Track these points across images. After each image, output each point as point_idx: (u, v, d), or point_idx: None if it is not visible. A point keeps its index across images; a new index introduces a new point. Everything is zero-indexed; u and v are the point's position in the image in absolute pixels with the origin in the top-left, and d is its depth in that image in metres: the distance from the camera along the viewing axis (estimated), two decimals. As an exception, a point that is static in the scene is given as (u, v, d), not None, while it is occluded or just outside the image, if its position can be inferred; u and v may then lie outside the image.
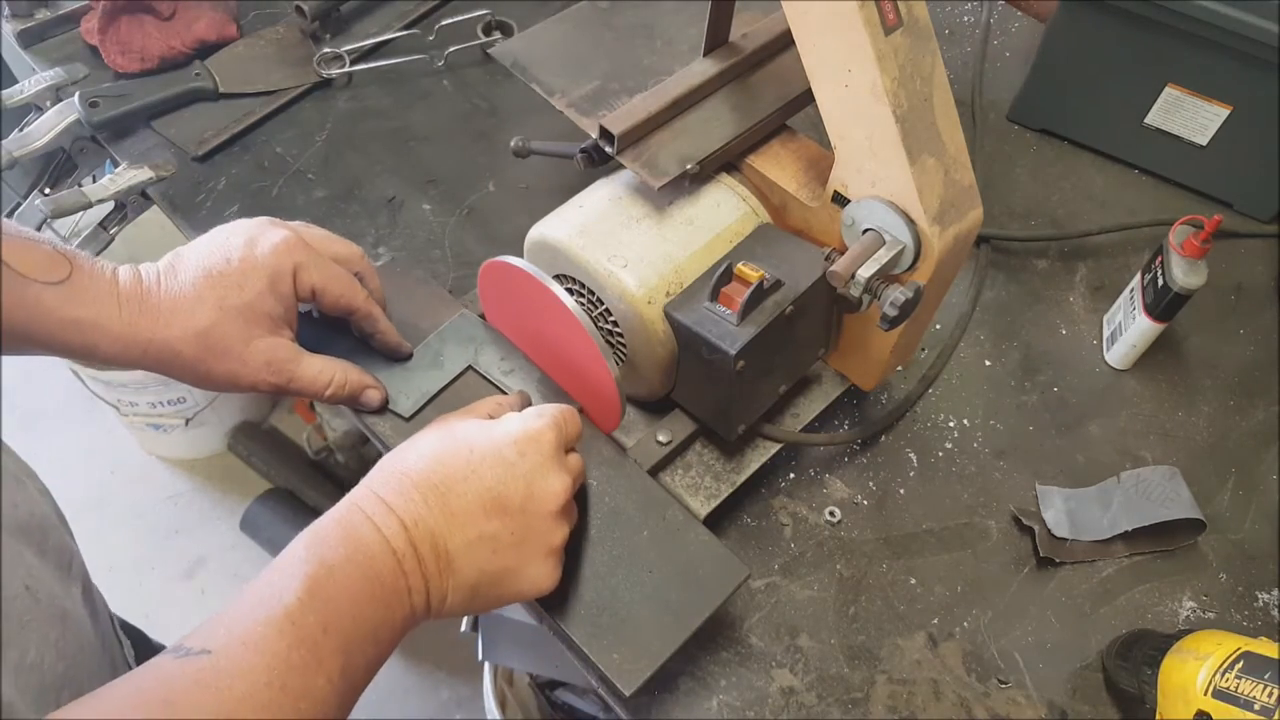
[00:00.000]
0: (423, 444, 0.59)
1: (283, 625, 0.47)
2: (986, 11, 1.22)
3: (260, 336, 0.64)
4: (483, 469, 0.58)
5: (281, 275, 0.64)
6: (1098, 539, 0.80)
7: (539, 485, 0.59)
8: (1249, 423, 0.91)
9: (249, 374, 0.65)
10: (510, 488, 0.58)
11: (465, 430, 0.60)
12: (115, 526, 1.86)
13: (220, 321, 0.62)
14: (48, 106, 1.01)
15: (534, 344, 0.74)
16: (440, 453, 0.58)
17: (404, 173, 1.01)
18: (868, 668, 0.73)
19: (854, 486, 0.83)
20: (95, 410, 1.86)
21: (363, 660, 0.50)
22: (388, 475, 0.57)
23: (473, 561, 0.57)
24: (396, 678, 1.68)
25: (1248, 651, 0.62)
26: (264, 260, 0.64)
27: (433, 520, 0.55)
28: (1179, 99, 1.00)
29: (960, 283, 0.96)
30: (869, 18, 0.60)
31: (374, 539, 0.53)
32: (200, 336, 0.62)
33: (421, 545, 0.54)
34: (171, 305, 0.62)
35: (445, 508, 0.56)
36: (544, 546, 0.59)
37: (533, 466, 0.59)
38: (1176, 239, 0.85)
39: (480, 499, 0.57)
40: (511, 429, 0.60)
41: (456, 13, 1.11)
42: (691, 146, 0.73)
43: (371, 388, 0.70)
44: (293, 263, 0.65)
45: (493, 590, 0.58)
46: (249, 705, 0.44)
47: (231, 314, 0.63)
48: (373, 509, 0.55)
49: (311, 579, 0.49)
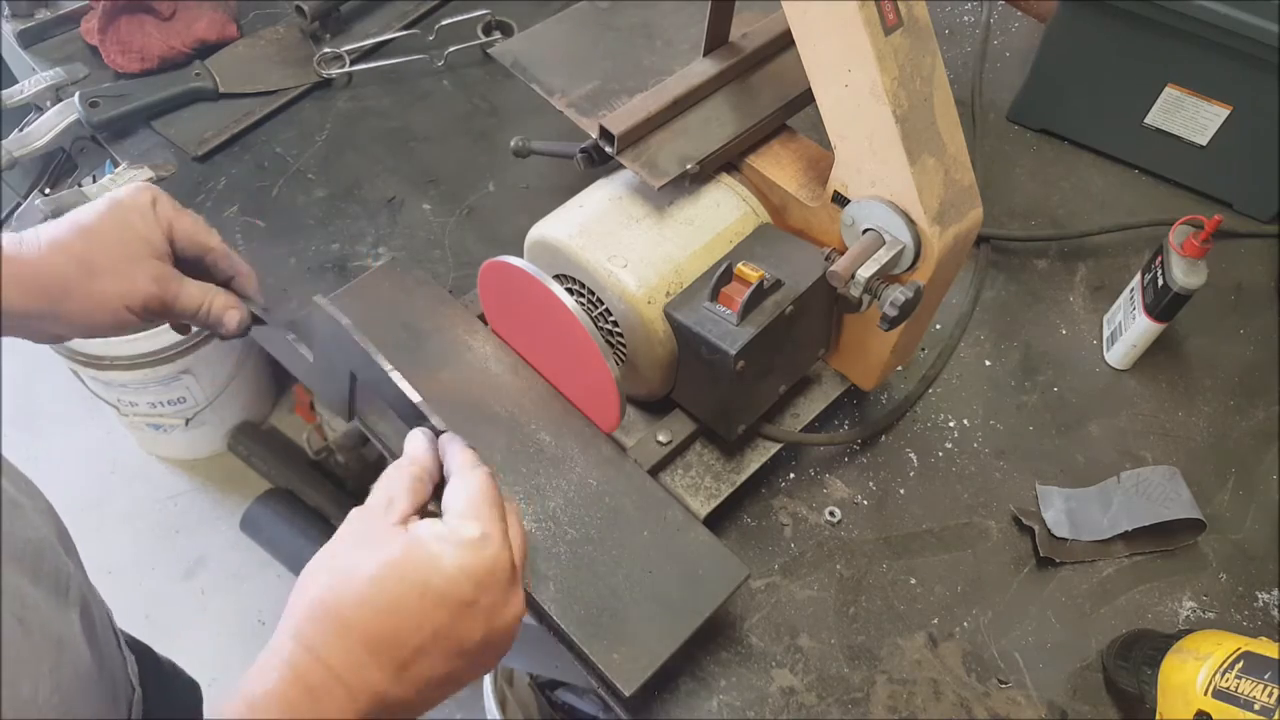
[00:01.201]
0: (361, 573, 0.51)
1: None
2: (986, 11, 1.22)
3: (143, 258, 0.68)
4: (438, 616, 0.51)
5: (142, 205, 0.69)
6: (1098, 539, 0.80)
7: (498, 619, 0.53)
8: (1249, 423, 0.91)
9: (138, 290, 0.68)
10: (470, 629, 0.52)
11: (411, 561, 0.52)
12: (115, 526, 1.85)
13: (98, 247, 0.67)
14: (48, 106, 1.01)
15: (534, 344, 0.74)
16: (387, 596, 0.50)
17: (404, 173, 1.01)
18: (868, 668, 0.73)
19: (854, 486, 0.83)
20: (95, 410, 1.85)
21: None
22: (325, 624, 0.50)
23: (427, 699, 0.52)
24: (396, 678, 1.68)
25: (1248, 651, 0.62)
26: (125, 197, 0.69)
27: (385, 685, 0.50)
28: (1179, 99, 1.00)
29: (960, 283, 0.96)
30: (869, 18, 0.60)
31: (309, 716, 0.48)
32: (81, 259, 0.66)
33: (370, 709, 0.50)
34: (51, 242, 0.66)
35: (398, 668, 0.50)
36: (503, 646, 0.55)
37: (493, 601, 0.53)
38: (1176, 239, 0.85)
39: (435, 647, 0.51)
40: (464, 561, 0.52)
41: (456, 13, 1.11)
42: (691, 146, 0.73)
43: (232, 309, 0.74)
44: (150, 195, 0.70)
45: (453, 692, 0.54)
46: None
47: (108, 239, 0.67)
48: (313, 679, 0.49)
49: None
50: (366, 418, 0.73)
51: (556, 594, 0.64)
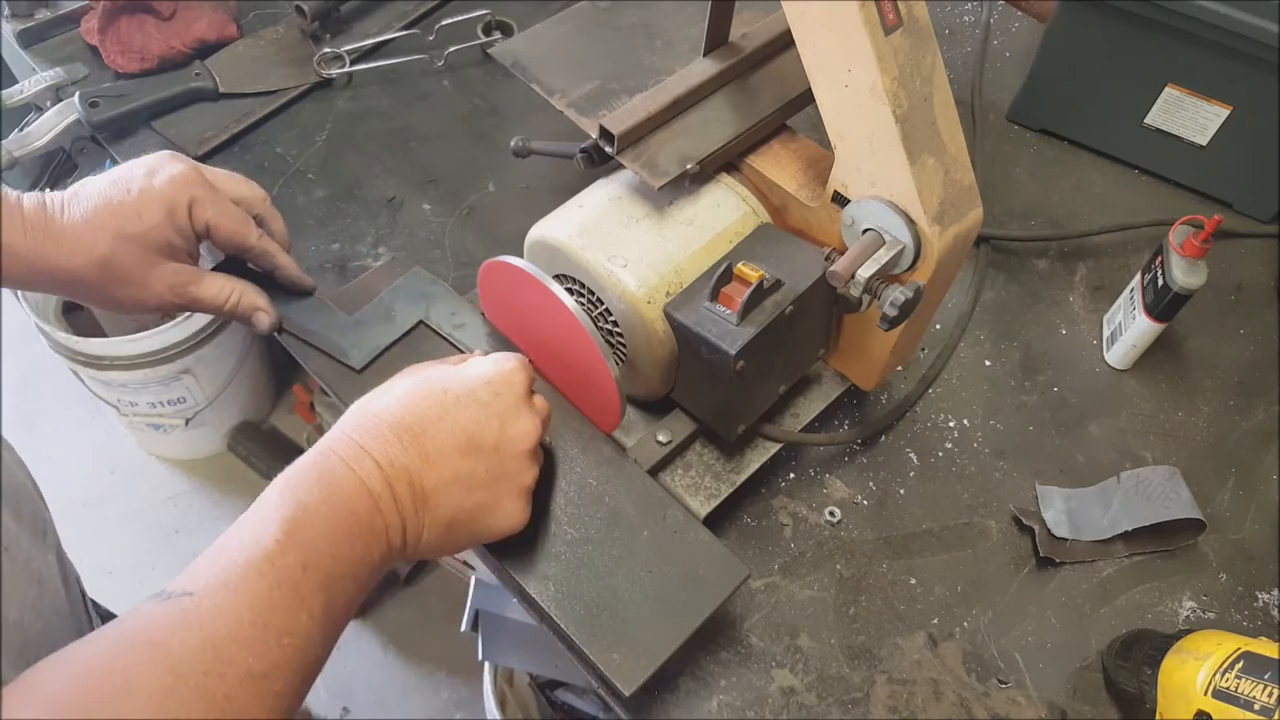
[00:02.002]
0: (397, 388, 0.60)
1: (262, 566, 0.48)
2: (986, 11, 1.22)
3: (161, 263, 0.67)
4: (457, 409, 0.59)
5: (178, 207, 0.67)
6: (1098, 539, 0.81)
7: (512, 425, 0.60)
8: (1249, 423, 0.91)
9: (153, 297, 0.68)
10: (484, 427, 0.59)
11: (438, 373, 0.61)
12: (115, 526, 1.86)
13: (119, 250, 0.65)
14: (48, 106, 1.01)
15: (534, 344, 0.74)
16: (414, 395, 0.59)
17: (404, 173, 1.01)
18: (868, 668, 0.73)
19: (854, 486, 0.83)
20: (95, 410, 1.86)
21: (343, 596, 0.51)
22: (361, 419, 0.58)
23: (448, 499, 0.58)
24: (396, 678, 1.68)
25: (1248, 651, 0.62)
26: (161, 191, 0.66)
27: (408, 460, 0.56)
28: (1179, 99, 1.00)
29: (960, 283, 0.96)
30: (869, 18, 0.60)
31: (349, 480, 0.54)
32: (101, 265, 0.65)
33: (397, 484, 0.55)
34: (73, 233, 0.64)
35: (420, 448, 0.57)
36: (516, 485, 0.61)
37: (506, 407, 0.60)
38: (1176, 239, 0.85)
39: (455, 439, 0.58)
40: (485, 370, 0.61)
41: (456, 13, 1.11)
42: (691, 146, 0.73)
43: (262, 310, 0.73)
44: (189, 196, 0.67)
45: (467, 528, 0.60)
46: (233, 642, 0.45)
47: (130, 242, 0.65)
48: (347, 451, 0.55)
49: (289, 520, 0.50)
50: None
51: (556, 594, 0.64)
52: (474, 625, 1.12)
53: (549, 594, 0.64)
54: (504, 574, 0.67)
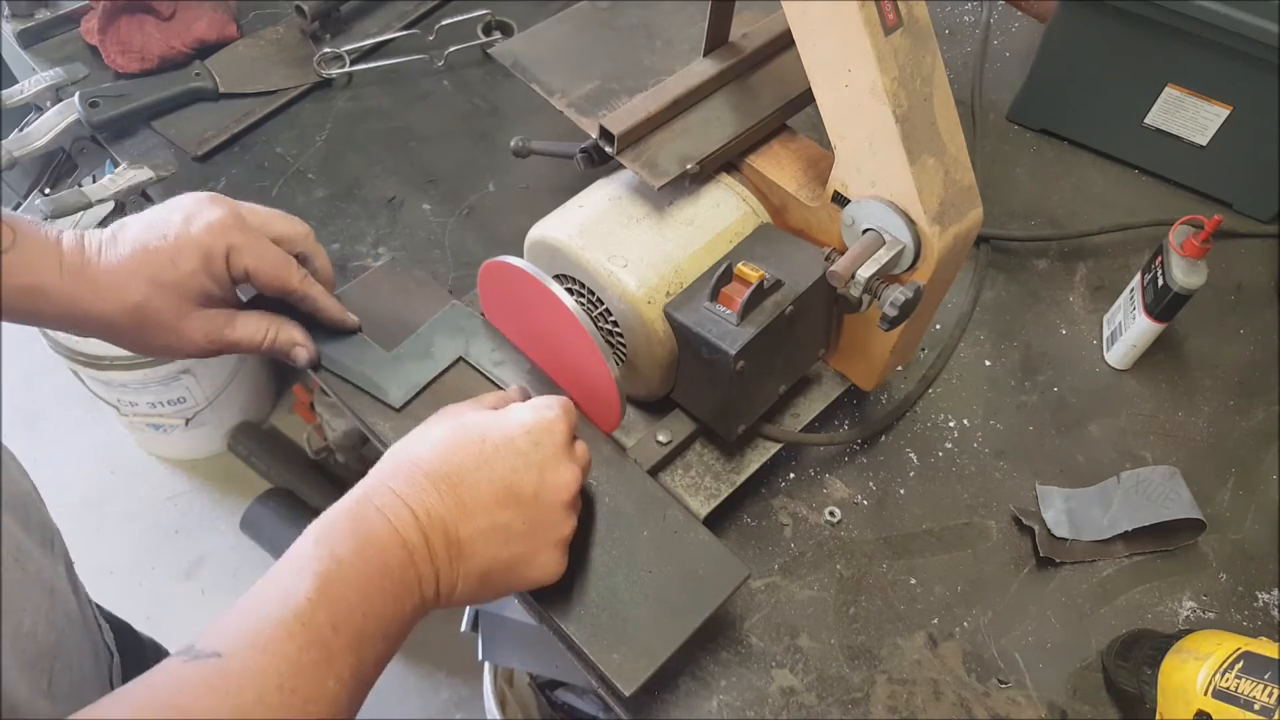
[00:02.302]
0: (433, 434, 0.59)
1: (293, 626, 0.47)
2: (986, 11, 1.22)
3: (194, 311, 0.66)
4: (495, 458, 0.58)
5: (215, 256, 0.65)
6: (1098, 539, 0.80)
7: (551, 476, 0.59)
8: (1249, 423, 0.91)
9: (186, 345, 0.66)
10: (523, 477, 0.58)
11: (476, 420, 0.60)
12: (115, 526, 1.86)
13: (153, 297, 0.64)
14: (48, 106, 1.01)
15: (534, 344, 0.74)
16: (452, 442, 0.58)
17: (404, 173, 1.01)
18: (868, 668, 0.73)
19: (854, 486, 0.83)
20: (95, 410, 1.86)
21: (373, 655, 0.50)
22: (398, 465, 0.57)
23: (484, 550, 0.57)
24: (396, 678, 1.68)
25: (1248, 651, 0.62)
26: (198, 239, 0.64)
27: (444, 510, 0.55)
28: (1179, 99, 1.00)
29: (960, 283, 0.96)
30: (869, 18, 0.60)
31: (385, 530, 0.53)
32: (134, 311, 0.63)
33: (433, 535, 0.54)
34: (108, 279, 0.63)
35: (457, 498, 0.56)
36: (554, 536, 0.60)
37: (545, 456, 0.59)
38: (1176, 239, 0.85)
39: (493, 488, 0.57)
40: (524, 418, 0.60)
41: (456, 13, 1.11)
42: (691, 146, 0.73)
43: (300, 345, 0.71)
44: (226, 244, 0.65)
45: (502, 578, 0.59)
46: (259, 709, 0.44)
47: (164, 290, 0.64)
48: (383, 500, 0.54)
49: (322, 576, 0.49)
50: (365, 417, 0.73)
51: (556, 593, 0.64)
52: (474, 625, 1.12)
53: (549, 593, 0.64)
54: (504, 574, 0.66)
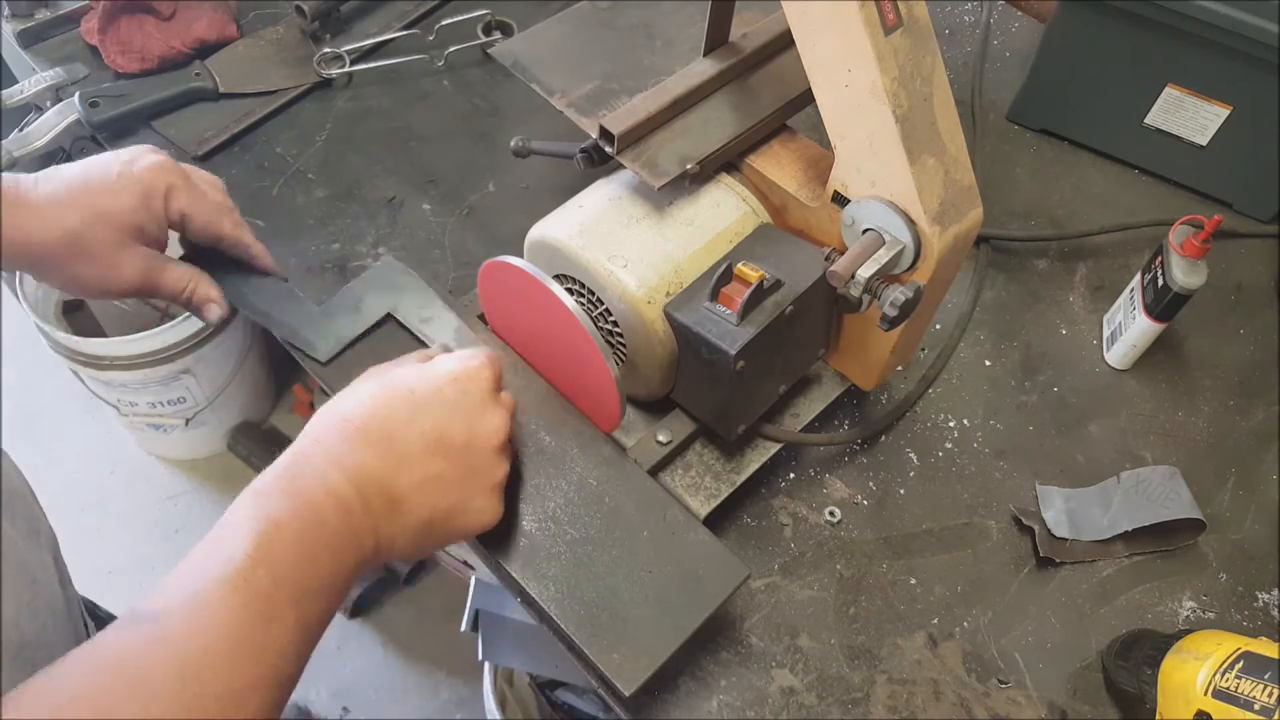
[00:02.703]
0: (362, 391, 0.59)
1: (235, 582, 0.47)
2: (986, 11, 1.22)
3: (131, 246, 0.67)
4: (425, 410, 0.58)
5: (154, 192, 0.67)
6: (1098, 539, 0.81)
7: (480, 422, 0.60)
8: (1249, 423, 0.91)
9: (118, 279, 0.67)
10: (453, 426, 0.59)
11: (403, 374, 0.61)
12: (115, 526, 1.86)
13: (91, 226, 0.65)
14: (48, 106, 1.01)
15: (534, 344, 0.74)
16: (381, 398, 0.59)
17: (404, 173, 1.01)
18: (868, 668, 0.73)
19: (854, 486, 0.83)
20: (95, 410, 1.86)
21: (315, 609, 0.51)
22: (329, 424, 0.57)
23: (421, 501, 0.57)
24: (396, 678, 1.68)
25: (1248, 651, 0.62)
26: (139, 175, 0.67)
27: (378, 465, 0.56)
28: (1179, 99, 1.00)
29: (960, 283, 0.96)
30: (869, 18, 0.60)
31: (319, 490, 0.53)
32: (71, 239, 0.64)
33: (368, 490, 0.55)
34: (45, 205, 0.64)
35: (391, 451, 0.56)
36: (488, 482, 0.61)
37: (473, 404, 0.60)
38: (1176, 239, 0.85)
39: (424, 440, 0.58)
40: (450, 367, 0.61)
41: (456, 13, 1.11)
42: (691, 146, 0.73)
43: (213, 301, 0.73)
44: (165, 183, 0.68)
45: (441, 527, 0.59)
46: (204, 661, 0.45)
47: (103, 220, 0.65)
48: (317, 460, 0.55)
49: (260, 535, 0.50)
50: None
51: (556, 594, 0.64)
52: (474, 625, 1.12)
53: (549, 594, 0.64)
54: (504, 574, 0.67)
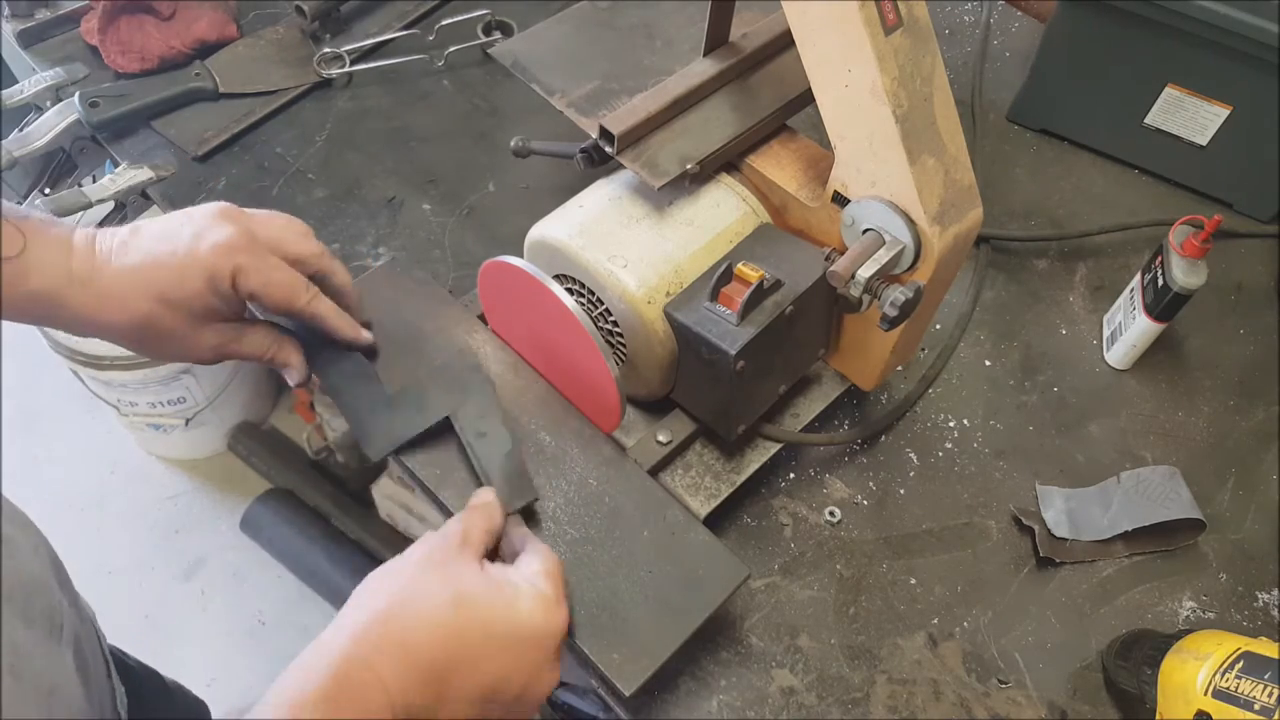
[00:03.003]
0: (429, 603, 0.54)
1: None
2: (986, 11, 1.22)
3: (205, 325, 0.65)
4: (490, 659, 0.54)
5: (220, 276, 0.63)
6: (1098, 539, 0.80)
7: (535, 683, 0.56)
8: (1249, 423, 0.91)
9: (193, 355, 0.66)
10: (512, 681, 0.55)
11: (480, 602, 0.55)
12: (115, 526, 1.85)
13: (160, 313, 0.63)
14: (48, 106, 1.01)
15: (534, 344, 0.74)
16: (453, 630, 0.53)
17: (404, 173, 1.01)
18: (868, 668, 0.73)
19: (854, 486, 0.83)
20: (95, 410, 1.85)
21: None
22: (389, 643, 0.52)
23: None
24: (396, 678, 1.68)
25: (1248, 651, 0.62)
26: (204, 259, 0.62)
27: (423, 702, 0.52)
28: (1179, 99, 1.00)
29: (960, 283, 0.96)
30: (869, 18, 0.60)
31: (357, 713, 0.50)
32: (140, 326, 0.63)
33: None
34: (115, 290, 0.62)
35: (439, 690, 0.52)
36: (525, 712, 0.57)
37: (536, 664, 0.56)
38: (1176, 239, 0.85)
39: (481, 690, 0.54)
40: (534, 618, 0.56)
41: (456, 13, 1.11)
42: (691, 146, 0.73)
43: (293, 369, 0.70)
44: (232, 265, 0.63)
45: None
46: None
47: (171, 307, 0.63)
48: (365, 685, 0.50)
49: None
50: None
51: (556, 594, 0.64)
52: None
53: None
54: (504, 574, 0.66)
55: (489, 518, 0.62)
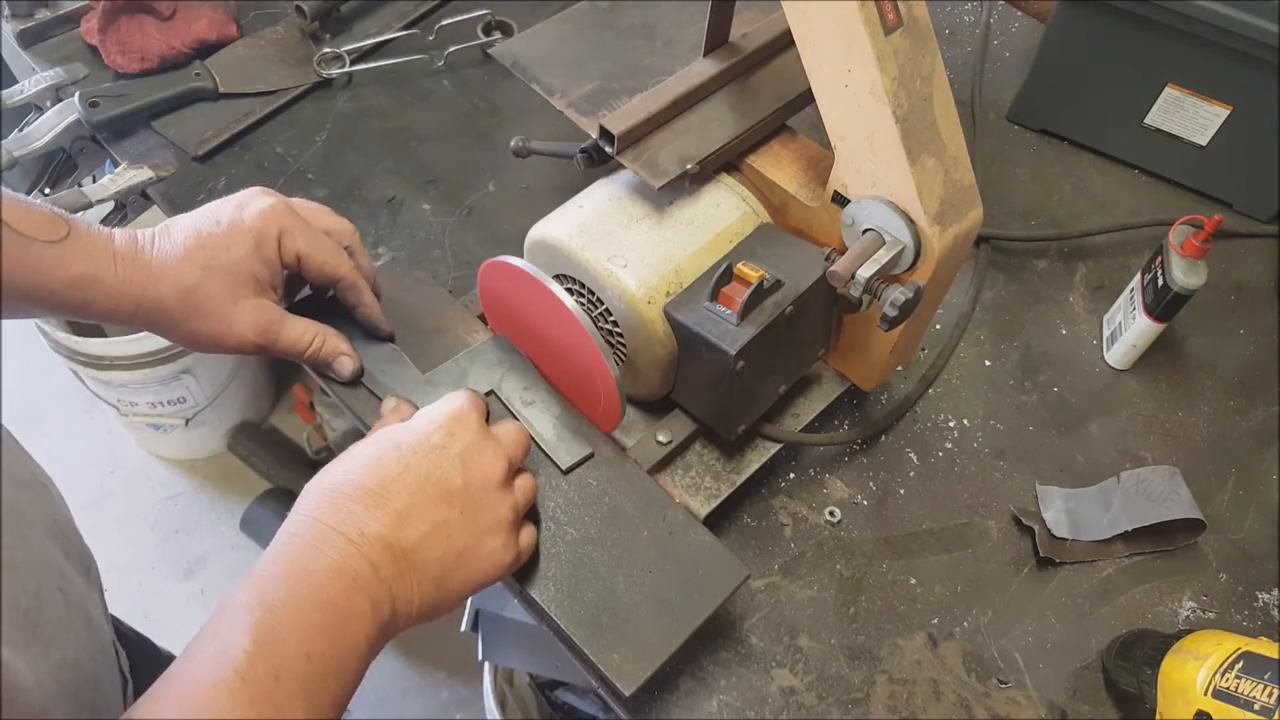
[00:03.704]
0: (348, 457, 0.58)
1: (233, 685, 0.45)
2: (986, 11, 1.22)
3: (246, 298, 0.65)
4: (415, 460, 0.57)
5: (267, 238, 0.65)
6: (1098, 539, 0.80)
7: (475, 461, 0.59)
8: (1249, 423, 0.91)
9: (234, 334, 0.66)
10: (446, 470, 0.58)
11: (386, 432, 0.59)
12: (115, 526, 1.86)
13: (206, 280, 0.63)
14: (48, 106, 1.01)
15: (534, 344, 0.74)
16: (368, 458, 0.57)
17: (404, 173, 1.01)
18: (868, 668, 0.73)
19: (854, 486, 0.83)
20: (95, 410, 1.86)
21: (328, 695, 0.49)
22: (320, 496, 0.55)
23: (431, 554, 0.56)
24: (396, 678, 1.68)
25: (1248, 651, 0.62)
26: (250, 223, 0.65)
27: (379, 526, 0.54)
28: (1179, 99, 1.00)
29: (960, 283, 0.96)
30: (869, 18, 0.60)
31: (318, 565, 0.51)
32: (187, 294, 0.63)
33: (375, 555, 0.53)
34: (162, 263, 0.63)
35: (388, 509, 0.55)
36: (494, 521, 0.59)
37: (464, 445, 0.59)
38: (1176, 239, 0.85)
39: (420, 490, 0.56)
40: (433, 415, 0.60)
41: (456, 13, 1.11)
42: (691, 146, 0.73)
43: (346, 355, 0.70)
44: (278, 227, 0.66)
45: (457, 577, 0.57)
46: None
47: (217, 274, 0.64)
48: (312, 534, 0.53)
49: (257, 626, 0.47)
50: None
51: (556, 594, 0.64)
52: (474, 625, 1.12)
53: (549, 594, 0.64)
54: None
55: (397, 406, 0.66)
